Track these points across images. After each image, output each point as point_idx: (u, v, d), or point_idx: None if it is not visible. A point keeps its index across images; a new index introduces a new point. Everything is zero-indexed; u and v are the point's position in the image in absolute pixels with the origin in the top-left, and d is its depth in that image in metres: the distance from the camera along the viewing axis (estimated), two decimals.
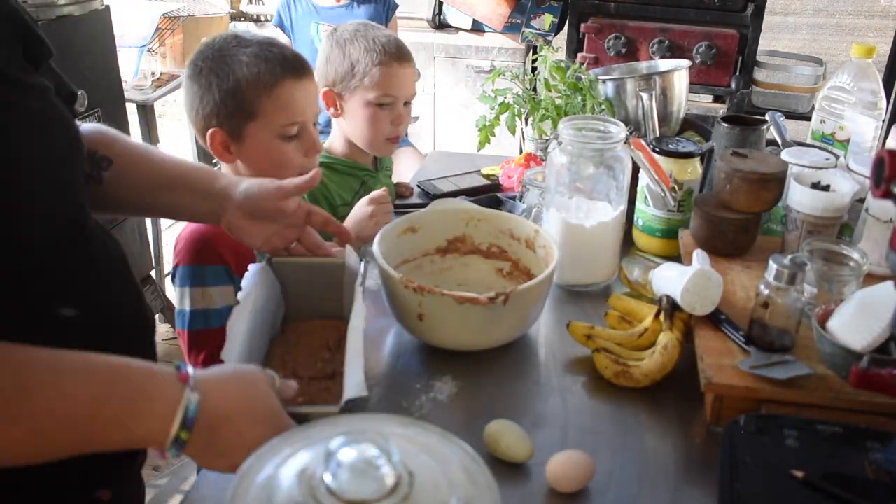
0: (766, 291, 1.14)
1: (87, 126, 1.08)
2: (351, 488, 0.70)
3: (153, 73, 3.07)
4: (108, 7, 2.68)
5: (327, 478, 0.71)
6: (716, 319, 1.21)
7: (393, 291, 1.23)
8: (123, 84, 2.80)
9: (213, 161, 1.57)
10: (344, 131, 1.73)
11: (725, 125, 1.59)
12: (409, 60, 1.69)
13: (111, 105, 2.69)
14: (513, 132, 1.81)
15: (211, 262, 1.36)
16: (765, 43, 2.90)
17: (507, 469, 1.04)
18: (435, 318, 1.22)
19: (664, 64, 2.01)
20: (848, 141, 1.77)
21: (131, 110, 2.92)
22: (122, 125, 2.99)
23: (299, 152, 1.44)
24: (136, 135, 3.24)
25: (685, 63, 1.89)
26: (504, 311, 1.19)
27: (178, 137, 4.51)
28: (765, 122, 1.63)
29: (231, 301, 1.31)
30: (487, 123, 1.80)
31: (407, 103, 1.71)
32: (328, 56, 1.68)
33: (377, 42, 1.64)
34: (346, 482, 0.70)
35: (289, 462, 0.78)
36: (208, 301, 1.37)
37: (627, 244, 1.57)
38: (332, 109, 1.71)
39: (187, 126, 3.48)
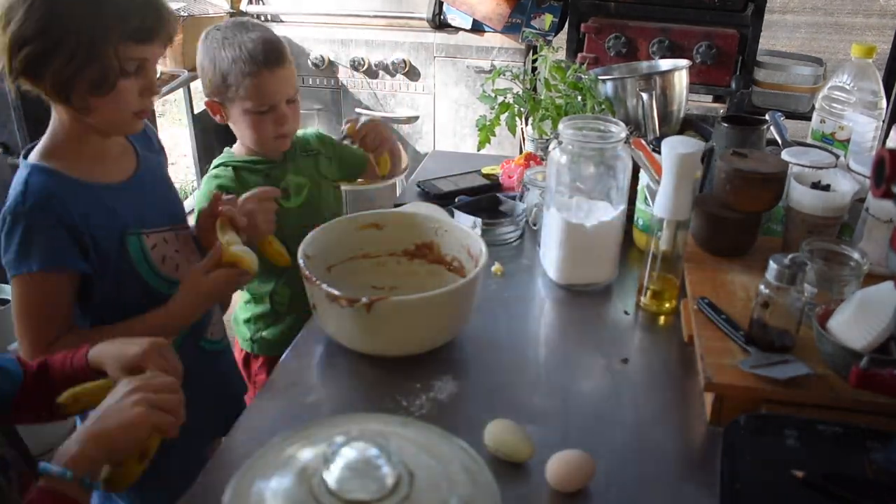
0: (767, 291, 1.14)
1: None
2: (351, 488, 0.70)
3: None
4: None
5: (328, 477, 0.71)
6: (716, 319, 1.21)
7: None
8: None
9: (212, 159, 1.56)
10: (237, 135, 1.67)
11: (726, 125, 1.59)
12: (280, 63, 1.57)
13: None
14: (513, 132, 1.81)
15: None
16: (763, 41, 2.89)
17: (507, 469, 1.04)
18: (318, 311, 1.29)
19: (664, 64, 2.00)
20: (848, 141, 1.77)
21: None
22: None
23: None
24: None
25: (685, 63, 1.89)
26: (374, 320, 1.19)
27: (178, 137, 4.52)
28: (765, 121, 1.63)
29: None
30: (487, 123, 1.80)
31: (291, 101, 1.61)
32: (202, 67, 1.59)
33: (244, 49, 1.53)
34: (346, 482, 0.70)
35: (289, 462, 0.78)
36: None
37: (627, 244, 1.57)
38: (217, 117, 1.64)
39: (186, 126, 3.49)
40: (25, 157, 1.26)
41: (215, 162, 1.69)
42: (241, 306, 1.76)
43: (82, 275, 1.25)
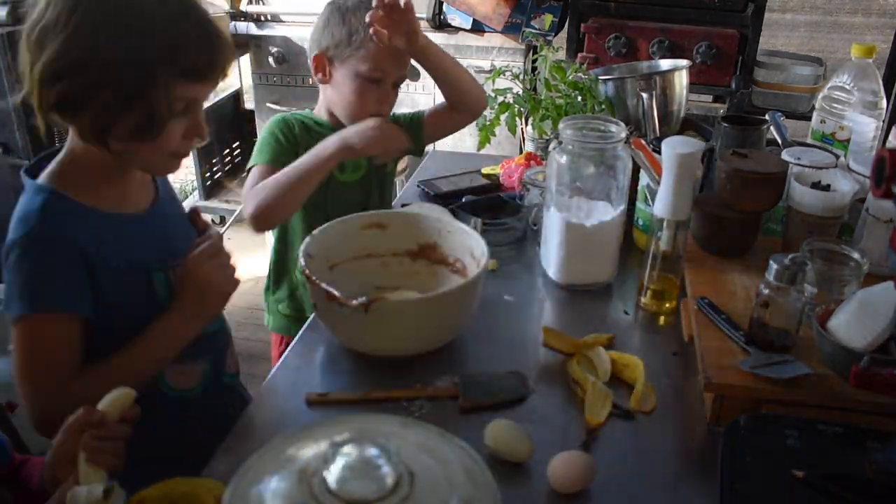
0: (767, 291, 1.14)
1: None
2: (351, 488, 0.70)
3: None
4: None
5: (328, 477, 0.71)
6: (716, 319, 1.21)
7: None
8: None
9: (213, 161, 1.54)
10: (328, 100, 1.65)
11: (726, 125, 1.59)
12: None
13: None
14: (513, 132, 1.81)
15: None
16: (762, 41, 2.88)
17: (507, 469, 1.04)
18: (318, 310, 1.29)
19: (664, 64, 2.00)
20: (848, 141, 1.77)
21: None
22: None
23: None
24: None
25: (685, 63, 1.89)
26: (373, 321, 1.18)
27: None
28: (765, 121, 1.63)
29: None
30: (487, 123, 1.80)
31: (396, 85, 1.63)
32: (327, 19, 1.58)
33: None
34: (346, 482, 0.70)
35: (289, 462, 0.78)
36: None
37: (628, 244, 1.57)
38: (319, 75, 1.61)
39: None
40: (32, 174, 1.11)
41: (287, 115, 1.65)
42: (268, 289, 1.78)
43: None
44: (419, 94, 3.17)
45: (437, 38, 3.08)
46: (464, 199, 1.75)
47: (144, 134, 1.04)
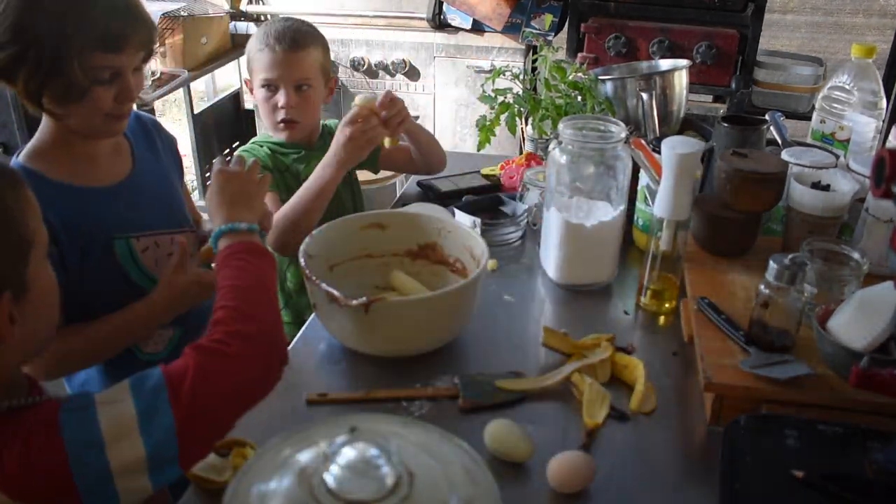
0: (767, 291, 1.14)
1: None
2: (351, 488, 0.70)
3: (153, 73, 3.06)
4: None
5: (328, 478, 0.71)
6: (716, 319, 1.21)
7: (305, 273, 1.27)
8: None
9: (213, 161, 1.56)
10: None
11: (726, 125, 1.59)
12: (295, 46, 1.64)
13: None
14: (513, 132, 1.81)
15: None
16: (763, 41, 2.89)
17: (507, 469, 1.04)
18: (318, 310, 1.30)
19: (664, 64, 2.00)
20: (848, 141, 1.77)
21: None
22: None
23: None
24: None
25: (685, 63, 1.89)
26: (373, 321, 1.19)
27: (177, 137, 4.50)
28: (765, 121, 1.63)
29: None
30: (487, 123, 1.80)
31: (299, 87, 1.67)
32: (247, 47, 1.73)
33: (270, 29, 1.66)
34: (346, 482, 0.70)
35: (288, 462, 0.78)
36: None
37: (627, 244, 1.57)
38: (251, 95, 1.76)
39: (186, 126, 3.48)
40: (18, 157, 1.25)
41: (251, 142, 1.75)
42: None
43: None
44: (419, 95, 3.17)
45: (437, 37, 3.09)
46: (463, 199, 1.75)
47: (70, 98, 1.16)
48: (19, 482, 0.82)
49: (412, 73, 3.14)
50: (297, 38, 1.65)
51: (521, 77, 1.91)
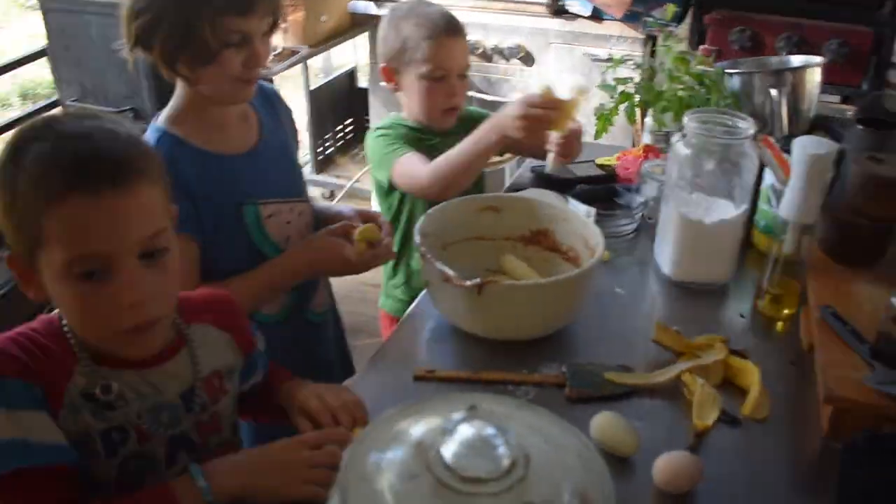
0: None
1: None
2: (467, 465, 0.71)
3: (274, 48, 3.15)
4: None
5: (445, 452, 0.72)
6: (840, 330, 1.16)
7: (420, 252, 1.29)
8: None
9: (325, 137, 1.58)
10: (406, 105, 1.75)
11: (861, 127, 1.52)
12: (458, 33, 1.68)
13: None
14: (632, 122, 1.77)
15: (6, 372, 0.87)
16: None
17: (611, 463, 1.02)
18: (431, 288, 1.32)
19: (795, 60, 1.92)
20: None
21: None
22: None
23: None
24: None
25: (818, 60, 1.81)
26: (485, 303, 1.19)
27: (293, 113, 4.61)
28: None
29: (53, 437, 0.87)
30: (606, 112, 1.77)
31: (462, 76, 1.69)
32: (384, 34, 1.71)
33: (428, 17, 1.65)
34: (462, 458, 0.71)
35: (404, 433, 0.79)
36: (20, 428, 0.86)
37: (746, 244, 1.52)
38: (390, 84, 1.73)
39: (303, 101, 3.56)
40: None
41: (382, 123, 1.74)
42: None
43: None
44: (533, 80, 3.14)
45: (554, 23, 3.05)
46: (577, 188, 1.73)
47: (202, 61, 1.22)
48: None
49: (527, 59, 3.12)
50: (459, 25, 1.68)
51: (643, 67, 1.87)
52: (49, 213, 0.83)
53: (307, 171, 3.81)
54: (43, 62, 2.94)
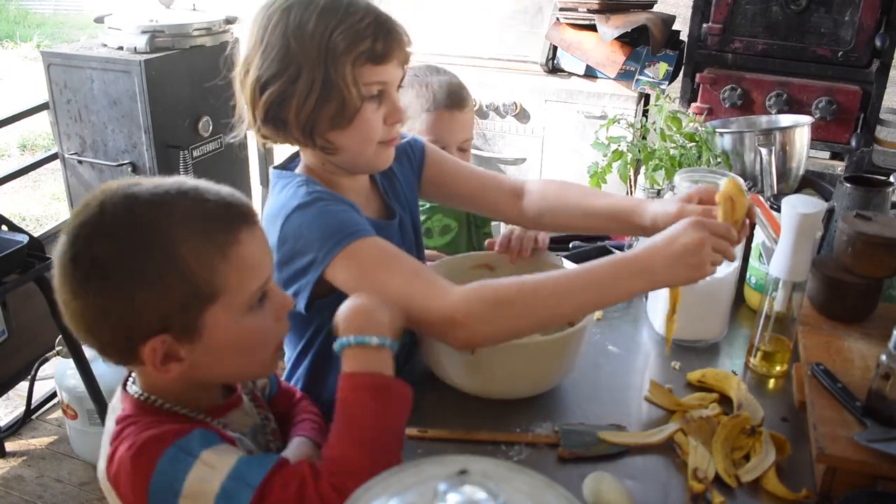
0: (888, 362, 1.09)
1: None
2: None
3: None
4: (237, 39, 2.84)
5: None
6: (831, 387, 1.17)
7: None
8: None
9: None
10: None
11: (848, 185, 1.54)
12: (460, 107, 1.64)
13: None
14: (625, 180, 1.80)
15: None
16: (886, 98, 2.79)
17: None
18: (424, 344, 1.31)
19: (784, 119, 1.96)
20: None
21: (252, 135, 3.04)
22: (242, 150, 3.16)
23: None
24: (254, 155, 3.39)
25: (807, 119, 1.85)
26: (478, 361, 1.19)
27: None
28: (891, 183, 1.57)
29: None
30: (599, 170, 1.80)
31: (462, 147, 1.66)
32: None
33: (429, 88, 1.62)
34: None
35: (395, 496, 0.79)
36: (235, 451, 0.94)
37: (738, 302, 1.53)
38: None
39: None
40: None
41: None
42: None
43: None
44: (527, 137, 3.19)
45: (549, 81, 3.11)
46: (571, 246, 1.75)
47: (342, 119, 1.13)
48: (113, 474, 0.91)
49: (522, 116, 3.17)
50: (463, 98, 1.64)
51: (636, 126, 1.91)
52: (225, 259, 0.90)
53: None
54: (42, 113, 2.99)
